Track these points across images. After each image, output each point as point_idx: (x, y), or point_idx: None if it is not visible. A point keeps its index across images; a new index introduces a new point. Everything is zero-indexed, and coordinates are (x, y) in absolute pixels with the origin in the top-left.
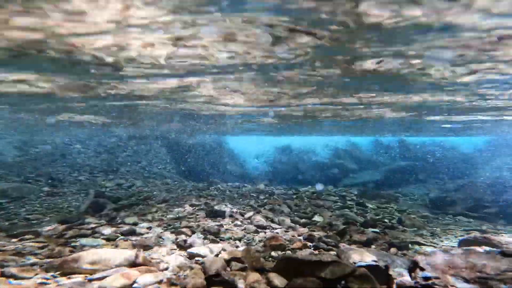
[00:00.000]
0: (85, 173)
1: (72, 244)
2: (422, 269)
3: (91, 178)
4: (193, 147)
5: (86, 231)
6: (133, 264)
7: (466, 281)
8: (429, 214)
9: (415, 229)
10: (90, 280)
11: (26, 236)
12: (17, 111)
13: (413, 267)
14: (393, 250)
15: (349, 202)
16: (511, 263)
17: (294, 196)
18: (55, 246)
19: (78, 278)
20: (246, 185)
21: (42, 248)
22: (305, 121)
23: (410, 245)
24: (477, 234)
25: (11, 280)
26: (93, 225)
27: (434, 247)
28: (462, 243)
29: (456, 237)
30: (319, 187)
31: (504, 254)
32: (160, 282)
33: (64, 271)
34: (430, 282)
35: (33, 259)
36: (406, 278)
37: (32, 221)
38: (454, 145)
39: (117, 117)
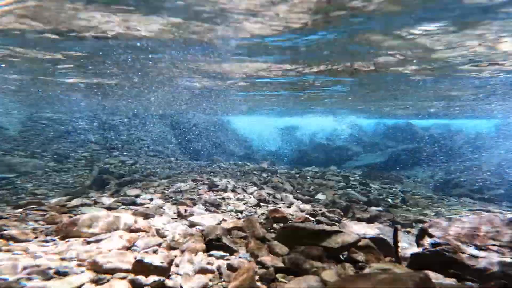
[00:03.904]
0: (89, 149)
1: (74, 213)
2: (431, 236)
3: (96, 155)
4: (196, 126)
5: (89, 201)
6: (132, 230)
7: (478, 247)
8: (434, 195)
9: (419, 208)
10: (89, 242)
11: (29, 206)
12: None
13: (421, 234)
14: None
15: (352, 182)
16: None
17: (297, 175)
18: (58, 214)
19: (78, 240)
20: (248, 164)
21: (44, 215)
22: None
23: (413, 223)
24: (484, 214)
25: (11, 242)
26: (95, 198)
27: None
28: None
29: (461, 217)
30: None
31: None
32: (159, 245)
33: (63, 234)
34: (439, 248)
35: (34, 225)
36: (412, 250)
37: (39, 196)
38: (460, 128)
39: None
